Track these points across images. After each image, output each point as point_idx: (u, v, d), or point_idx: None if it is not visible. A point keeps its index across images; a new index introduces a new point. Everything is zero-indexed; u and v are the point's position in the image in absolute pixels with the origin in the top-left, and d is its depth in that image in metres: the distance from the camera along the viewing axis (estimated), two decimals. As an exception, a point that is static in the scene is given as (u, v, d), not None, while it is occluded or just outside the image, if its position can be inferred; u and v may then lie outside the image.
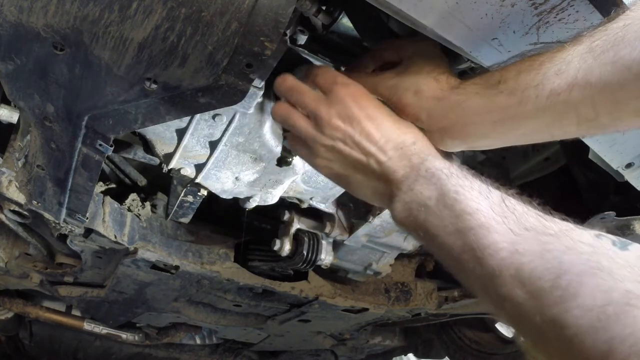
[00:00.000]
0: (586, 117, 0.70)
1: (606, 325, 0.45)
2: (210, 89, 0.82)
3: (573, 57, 0.68)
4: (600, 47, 0.66)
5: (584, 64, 0.67)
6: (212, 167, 1.18)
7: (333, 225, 1.47)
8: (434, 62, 0.85)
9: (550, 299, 0.50)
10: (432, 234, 0.68)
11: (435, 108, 0.81)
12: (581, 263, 0.51)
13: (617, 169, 1.09)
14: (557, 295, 0.50)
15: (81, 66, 0.82)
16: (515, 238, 0.56)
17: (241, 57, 0.78)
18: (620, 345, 0.44)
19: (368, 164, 0.78)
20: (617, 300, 0.46)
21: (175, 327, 2.19)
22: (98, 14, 0.74)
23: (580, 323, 0.47)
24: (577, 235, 0.54)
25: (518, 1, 0.74)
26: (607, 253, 0.51)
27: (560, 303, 0.49)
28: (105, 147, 0.98)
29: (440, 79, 0.83)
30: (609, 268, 0.49)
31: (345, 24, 0.99)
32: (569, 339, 0.48)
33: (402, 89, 0.85)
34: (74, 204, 1.22)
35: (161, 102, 0.86)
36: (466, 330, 2.50)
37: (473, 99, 0.78)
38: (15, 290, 2.00)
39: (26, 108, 0.95)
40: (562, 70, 0.69)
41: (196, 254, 1.59)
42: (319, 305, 1.82)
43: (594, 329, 0.46)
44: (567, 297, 0.49)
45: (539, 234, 0.56)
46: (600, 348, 0.45)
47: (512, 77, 0.75)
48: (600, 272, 0.49)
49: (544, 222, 0.57)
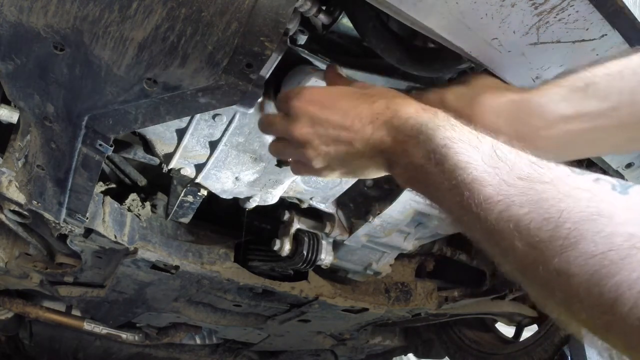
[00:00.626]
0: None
1: (611, 272, 0.44)
2: (210, 89, 0.82)
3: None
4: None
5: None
6: (212, 167, 1.18)
7: (333, 225, 1.47)
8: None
9: (552, 250, 0.48)
10: (432, 194, 0.65)
11: (512, 111, 0.77)
12: (580, 210, 0.48)
13: (617, 169, 1.09)
14: (558, 244, 0.48)
15: (81, 66, 0.82)
16: (510, 190, 0.54)
17: (241, 57, 0.78)
18: (629, 290, 0.42)
19: (357, 149, 0.75)
20: (620, 244, 0.44)
21: (175, 327, 2.19)
22: (98, 14, 0.74)
23: (584, 271, 0.46)
24: (574, 181, 0.52)
25: (518, 1, 0.74)
26: (607, 198, 0.49)
27: (562, 252, 0.47)
28: (105, 147, 0.98)
29: (510, 88, 0.80)
30: (609, 213, 0.47)
31: (345, 24, 0.99)
32: (574, 288, 0.46)
33: (470, 94, 0.81)
34: (74, 204, 1.22)
35: (161, 102, 0.86)
36: (466, 330, 2.50)
37: (559, 103, 0.73)
38: (15, 290, 1.99)
39: (26, 108, 0.95)
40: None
41: (196, 254, 1.59)
42: (319, 305, 1.82)
43: (598, 276, 0.44)
44: (568, 246, 0.47)
45: (534, 183, 0.53)
46: (607, 295, 0.43)
47: (601, 81, 0.71)
48: (601, 218, 0.47)
49: (538, 170, 0.54)
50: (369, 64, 1.15)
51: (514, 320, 2.38)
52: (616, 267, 0.44)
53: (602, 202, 0.48)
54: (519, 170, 0.55)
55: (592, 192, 0.50)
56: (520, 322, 2.39)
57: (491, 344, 2.44)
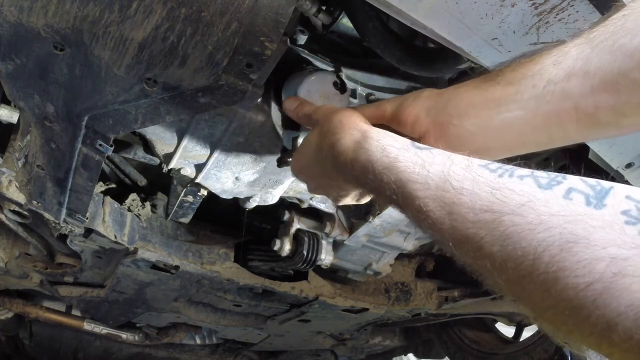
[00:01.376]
0: (585, 111, 0.66)
1: (601, 304, 0.42)
2: (210, 89, 0.82)
3: (570, 48, 0.66)
4: (599, 36, 0.63)
5: (581, 54, 0.64)
6: (212, 167, 1.18)
7: (333, 225, 1.47)
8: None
9: (535, 285, 0.46)
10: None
11: (434, 104, 0.79)
12: (555, 240, 0.46)
13: (617, 169, 1.09)
14: (540, 280, 0.46)
15: (81, 66, 0.82)
16: (476, 227, 0.51)
17: (241, 57, 0.78)
18: (623, 321, 0.41)
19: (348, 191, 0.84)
20: (602, 272, 0.42)
21: (175, 327, 2.19)
22: (98, 14, 0.74)
23: (574, 305, 0.44)
24: (543, 203, 0.49)
25: (518, 1, 0.74)
26: (582, 218, 0.46)
27: (546, 289, 0.46)
28: (105, 147, 0.98)
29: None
30: (586, 236, 0.44)
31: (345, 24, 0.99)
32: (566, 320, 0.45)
33: (402, 98, 0.85)
34: (74, 204, 1.22)
35: (161, 102, 0.86)
36: (466, 330, 2.50)
37: (471, 91, 0.75)
38: (15, 290, 1.99)
39: (26, 108, 0.95)
40: (559, 61, 0.67)
41: (196, 254, 1.59)
42: (319, 305, 1.82)
43: (590, 308, 0.43)
44: (551, 281, 0.45)
45: (500, 215, 0.50)
46: (602, 327, 0.42)
47: (509, 70, 0.73)
48: (578, 244, 0.44)
49: (501, 196, 0.51)
50: (369, 64, 1.15)
51: (514, 320, 2.38)
52: (604, 298, 0.42)
53: (577, 225, 0.46)
54: (480, 201, 0.52)
55: (564, 214, 0.47)
56: (520, 322, 2.39)
57: (491, 344, 2.44)
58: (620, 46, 0.61)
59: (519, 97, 0.70)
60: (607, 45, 0.62)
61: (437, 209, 0.55)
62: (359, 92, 1.22)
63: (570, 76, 0.65)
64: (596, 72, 0.63)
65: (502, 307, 2.17)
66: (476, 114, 0.74)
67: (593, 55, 0.63)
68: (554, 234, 0.46)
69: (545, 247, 0.46)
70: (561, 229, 0.46)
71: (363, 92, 1.23)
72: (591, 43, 0.64)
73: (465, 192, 0.54)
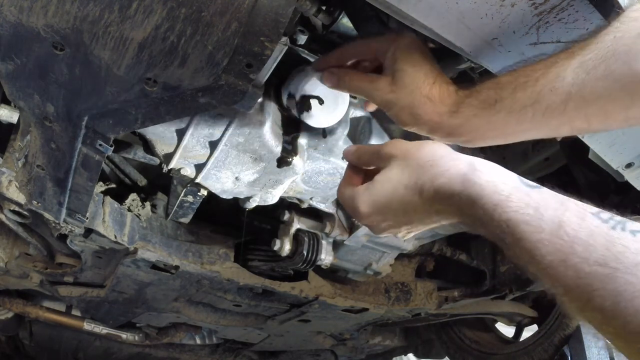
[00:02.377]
0: (579, 128, 0.75)
1: None
2: (210, 89, 0.82)
3: (567, 74, 0.71)
4: (592, 61, 0.69)
5: (577, 79, 0.70)
6: (212, 167, 1.18)
7: (333, 225, 1.47)
8: (423, 70, 0.84)
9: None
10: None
11: (434, 132, 0.85)
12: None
13: (617, 169, 1.09)
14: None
15: (81, 66, 0.82)
16: (589, 279, 0.53)
17: (241, 57, 0.78)
18: None
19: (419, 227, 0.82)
20: None
21: (175, 327, 2.19)
22: (98, 14, 0.74)
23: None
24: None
25: (518, 1, 0.74)
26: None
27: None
28: (105, 147, 0.98)
29: (433, 97, 0.83)
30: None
31: (345, 24, 0.99)
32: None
33: (398, 107, 0.85)
34: (74, 204, 1.22)
35: (161, 102, 0.86)
36: (466, 330, 2.49)
37: (472, 121, 0.80)
38: (15, 290, 1.99)
39: (26, 108, 0.95)
40: (556, 87, 0.72)
41: (196, 254, 1.59)
42: (319, 305, 1.82)
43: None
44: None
45: (614, 271, 0.52)
46: None
47: (508, 96, 0.76)
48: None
49: (615, 253, 0.53)
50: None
51: (514, 320, 2.38)
52: None
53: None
54: (595, 253, 0.53)
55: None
56: (520, 322, 2.39)
57: (491, 344, 2.44)
58: (611, 72, 0.68)
59: (519, 127, 0.78)
60: (600, 71, 0.68)
61: (549, 254, 0.56)
62: (359, 92, 1.22)
63: (567, 102, 0.71)
64: (590, 98, 0.70)
65: (502, 307, 2.17)
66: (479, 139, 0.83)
67: (587, 81, 0.69)
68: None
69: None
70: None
71: (363, 92, 1.23)
72: (585, 68, 0.70)
73: (579, 241, 0.54)
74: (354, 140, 1.23)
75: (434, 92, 0.83)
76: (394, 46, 0.86)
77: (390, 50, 0.87)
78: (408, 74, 0.84)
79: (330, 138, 1.19)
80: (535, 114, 0.74)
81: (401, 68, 0.85)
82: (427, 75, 0.84)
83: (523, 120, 0.75)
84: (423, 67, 0.85)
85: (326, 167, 1.26)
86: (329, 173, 1.27)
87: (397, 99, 0.85)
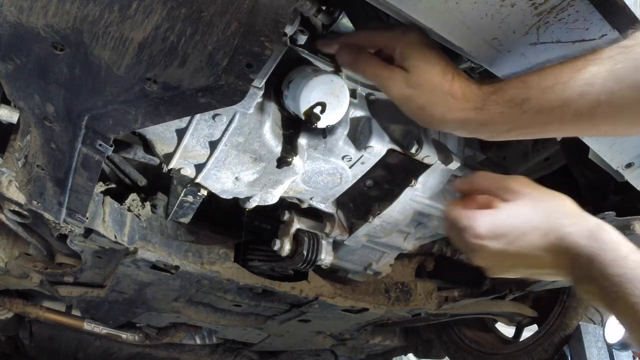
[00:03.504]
0: (605, 132, 0.81)
1: None
2: (210, 89, 0.82)
3: (596, 80, 0.73)
4: (623, 71, 0.71)
5: (606, 87, 0.72)
6: (212, 167, 1.18)
7: (333, 225, 1.47)
8: (439, 66, 0.83)
9: None
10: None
11: (459, 129, 0.86)
12: None
13: (617, 169, 1.09)
14: None
15: (81, 66, 0.82)
16: None
17: (241, 57, 0.78)
18: None
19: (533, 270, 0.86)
20: None
21: (175, 327, 2.19)
22: (98, 14, 0.74)
23: None
24: None
25: (518, 1, 0.74)
26: None
27: None
28: (105, 147, 0.98)
29: (455, 94, 0.82)
30: None
31: (345, 24, 0.99)
32: None
33: (415, 105, 0.85)
34: (74, 204, 1.22)
35: (161, 102, 0.86)
36: (466, 330, 2.50)
37: (498, 118, 0.81)
38: (15, 290, 1.99)
39: (26, 108, 0.95)
40: (585, 92, 0.73)
41: (196, 254, 1.59)
42: (319, 305, 1.82)
43: None
44: None
45: None
46: None
47: (536, 96, 0.77)
48: None
49: None
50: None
51: (514, 320, 2.38)
52: None
53: None
54: None
55: None
56: (520, 322, 2.39)
57: (491, 344, 2.44)
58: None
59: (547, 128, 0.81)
60: (629, 81, 0.71)
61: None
62: (358, 92, 1.22)
63: (597, 109, 0.74)
64: (618, 106, 0.73)
65: (502, 307, 2.17)
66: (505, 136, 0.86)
67: (616, 89, 0.72)
68: None
69: None
70: None
71: (363, 92, 1.23)
72: (615, 77, 0.72)
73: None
74: (354, 140, 1.22)
75: (455, 89, 0.82)
76: (403, 42, 0.85)
77: (399, 46, 0.86)
78: (424, 71, 0.83)
79: (330, 138, 1.19)
80: (564, 116, 0.76)
81: (415, 65, 0.84)
82: (445, 71, 0.83)
83: (551, 120, 0.77)
84: (439, 63, 0.84)
85: (326, 167, 1.26)
86: (329, 173, 1.27)
87: (415, 96, 0.84)
